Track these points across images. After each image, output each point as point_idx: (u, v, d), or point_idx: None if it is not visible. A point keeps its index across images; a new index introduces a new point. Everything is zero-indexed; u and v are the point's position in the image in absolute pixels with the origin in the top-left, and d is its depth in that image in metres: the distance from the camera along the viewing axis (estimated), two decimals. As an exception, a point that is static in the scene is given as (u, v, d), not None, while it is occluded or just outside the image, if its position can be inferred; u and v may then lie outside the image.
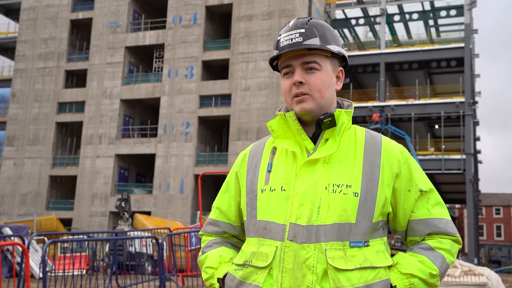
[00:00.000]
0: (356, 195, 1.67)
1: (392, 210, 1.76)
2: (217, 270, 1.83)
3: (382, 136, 1.83)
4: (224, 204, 1.93)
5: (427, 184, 1.77)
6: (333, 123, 1.74)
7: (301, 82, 1.74)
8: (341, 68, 1.85)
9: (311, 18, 1.80)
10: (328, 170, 1.70)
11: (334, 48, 1.78)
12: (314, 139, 1.77)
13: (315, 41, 1.74)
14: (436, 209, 1.75)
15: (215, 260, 1.85)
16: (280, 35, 1.80)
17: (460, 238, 1.76)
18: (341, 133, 1.76)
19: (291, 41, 1.74)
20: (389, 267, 1.69)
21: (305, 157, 1.73)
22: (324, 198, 1.66)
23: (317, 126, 1.75)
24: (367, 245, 1.67)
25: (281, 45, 1.77)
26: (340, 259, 1.62)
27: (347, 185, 1.68)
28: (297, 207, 1.67)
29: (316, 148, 1.74)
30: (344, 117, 1.76)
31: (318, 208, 1.66)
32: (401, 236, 1.82)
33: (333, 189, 1.67)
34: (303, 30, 1.75)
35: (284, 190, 1.71)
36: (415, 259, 1.70)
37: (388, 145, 1.78)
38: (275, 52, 1.80)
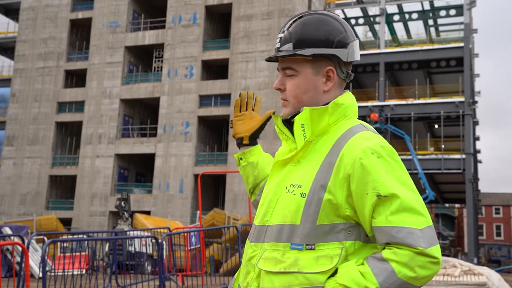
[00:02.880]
0: (303, 195, 1.61)
1: (356, 214, 1.61)
2: None
3: (359, 132, 1.65)
4: None
5: (390, 188, 1.53)
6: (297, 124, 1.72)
7: (280, 89, 1.75)
8: (331, 67, 1.71)
9: (301, 17, 1.73)
10: (293, 170, 1.69)
11: (307, 52, 1.67)
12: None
13: (288, 47, 1.70)
14: (397, 216, 1.51)
15: None
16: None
17: (429, 251, 1.49)
18: (304, 132, 1.68)
19: (275, 45, 1.75)
20: (332, 273, 1.56)
21: (281, 157, 1.77)
22: (280, 199, 1.67)
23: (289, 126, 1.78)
24: (311, 249, 1.57)
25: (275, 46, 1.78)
26: (271, 260, 1.61)
27: (298, 186, 1.64)
28: (259, 207, 1.76)
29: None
30: (306, 115, 1.67)
31: (272, 208, 1.68)
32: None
33: (288, 189, 1.65)
34: (282, 35, 1.73)
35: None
36: (356, 270, 1.53)
37: (353, 142, 1.61)
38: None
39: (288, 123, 1.77)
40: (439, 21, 42.20)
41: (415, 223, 1.51)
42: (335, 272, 1.55)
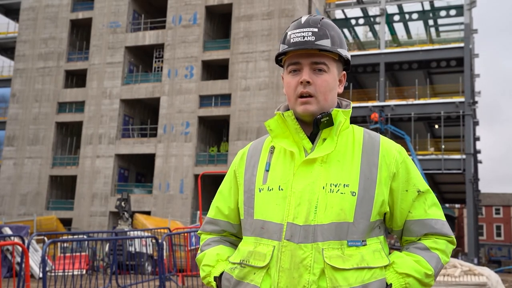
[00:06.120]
0: (354, 194, 1.67)
1: (389, 209, 1.76)
2: (214, 268, 1.84)
3: (381, 136, 1.82)
4: (222, 202, 1.93)
5: (424, 185, 1.77)
6: (330, 123, 1.73)
7: (308, 82, 1.73)
8: (344, 72, 1.86)
9: (323, 18, 1.79)
10: (326, 170, 1.70)
11: (343, 52, 1.79)
12: (312, 138, 1.77)
13: (326, 43, 1.73)
14: (432, 210, 1.76)
15: (213, 258, 1.86)
16: (291, 30, 1.79)
17: (454, 239, 1.78)
18: (338, 133, 1.76)
19: (303, 38, 1.73)
20: (386, 266, 1.69)
21: (302, 156, 1.73)
22: (321, 198, 1.66)
23: (314, 125, 1.75)
24: (364, 244, 1.67)
25: (292, 41, 1.76)
26: (337, 258, 1.62)
27: (344, 185, 1.68)
28: (294, 206, 1.67)
29: (314, 148, 1.74)
30: (341, 116, 1.76)
31: (315, 207, 1.66)
32: (396, 235, 1.83)
33: (331, 189, 1.67)
34: (315, 29, 1.74)
35: (282, 189, 1.71)
36: (411, 259, 1.71)
37: (386, 144, 1.78)
38: (282, 47, 1.79)
39: (297, 119, 1.79)
40: (439, 21, 42.21)
41: (442, 216, 1.78)
42: (386, 265, 1.70)
